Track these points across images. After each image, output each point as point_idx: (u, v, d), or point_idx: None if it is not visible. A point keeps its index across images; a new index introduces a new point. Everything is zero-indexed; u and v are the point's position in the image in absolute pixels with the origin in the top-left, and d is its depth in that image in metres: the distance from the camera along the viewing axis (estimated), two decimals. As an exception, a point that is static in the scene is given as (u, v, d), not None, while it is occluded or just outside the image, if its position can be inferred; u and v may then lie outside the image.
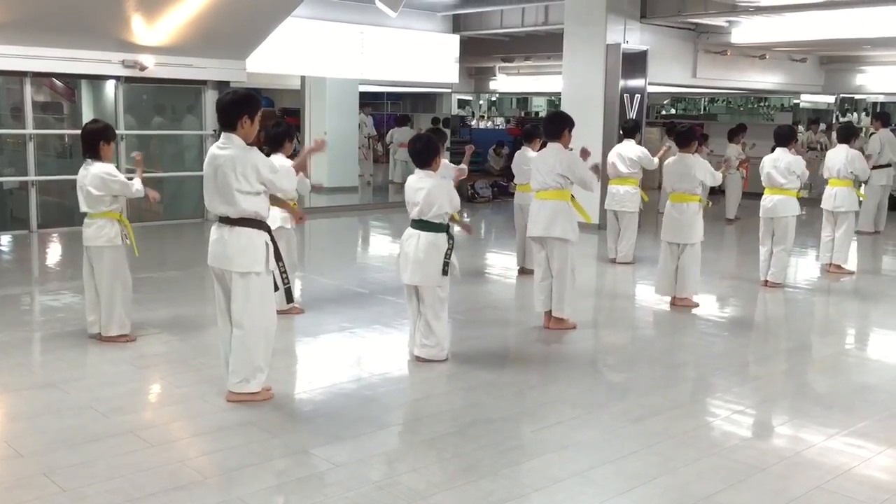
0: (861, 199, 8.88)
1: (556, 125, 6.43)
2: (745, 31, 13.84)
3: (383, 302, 7.35)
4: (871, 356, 6.38)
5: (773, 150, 8.14)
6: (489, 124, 25.32)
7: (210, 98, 11.49)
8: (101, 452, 3.99)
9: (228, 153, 4.47)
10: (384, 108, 24.73)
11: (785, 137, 8.10)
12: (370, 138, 18.38)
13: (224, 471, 3.87)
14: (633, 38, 12.34)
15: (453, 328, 6.62)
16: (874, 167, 12.19)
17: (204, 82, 11.47)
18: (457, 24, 15.26)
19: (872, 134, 12.90)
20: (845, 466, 4.07)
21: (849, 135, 9.14)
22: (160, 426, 4.39)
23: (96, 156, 5.63)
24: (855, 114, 22.11)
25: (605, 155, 10.50)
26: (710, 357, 6.05)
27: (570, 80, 12.51)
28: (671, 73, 13.84)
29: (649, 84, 12.62)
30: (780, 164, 7.94)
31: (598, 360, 5.96)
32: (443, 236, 5.37)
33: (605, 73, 12.01)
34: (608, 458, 4.11)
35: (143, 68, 10.62)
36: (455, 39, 15.18)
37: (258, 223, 4.58)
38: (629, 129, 9.59)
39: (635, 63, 12.20)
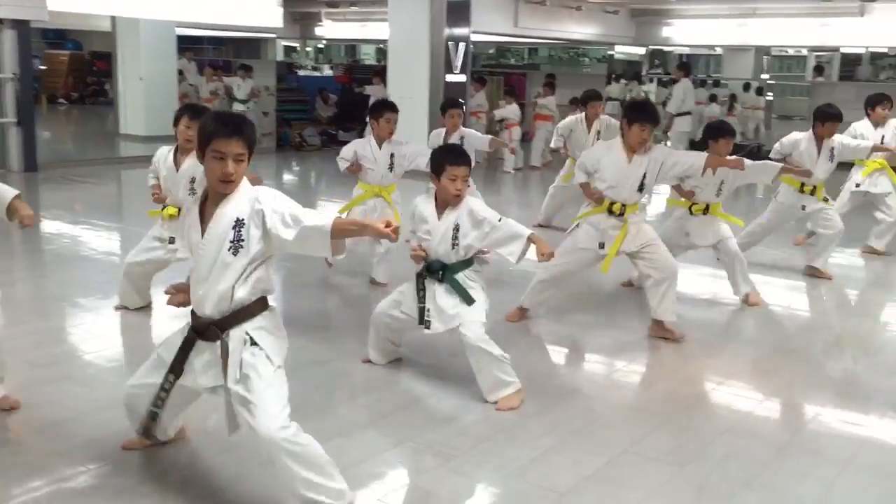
0: None
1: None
2: (563, -18, 14.34)
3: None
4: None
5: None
6: (319, 73, 24.84)
7: (8, 38, 10.56)
8: None
9: None
10: (206, 54, 23.67)
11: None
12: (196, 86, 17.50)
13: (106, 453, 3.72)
14: (457, -15, 12.48)
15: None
16: (678, 114, 13.16)
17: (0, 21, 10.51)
18: (279, -34, 14.79)
19: (676, 83, 13.84)
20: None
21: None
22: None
23: None
24: (661, 68, 23.47)
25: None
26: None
27: (396, 28, 12.51)
28: (494, 23, 14.13)
29: (473, 33, 12.84)
30: None
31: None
32: None
33: (430, 21, 12.10)
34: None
35: (-75, 3, 9.60)
36: (277, -19, 14.69)
37: None
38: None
39: (459, 11, 12.35)
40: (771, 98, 19.76)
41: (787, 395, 4.55)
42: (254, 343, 2.98)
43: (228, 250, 2.91)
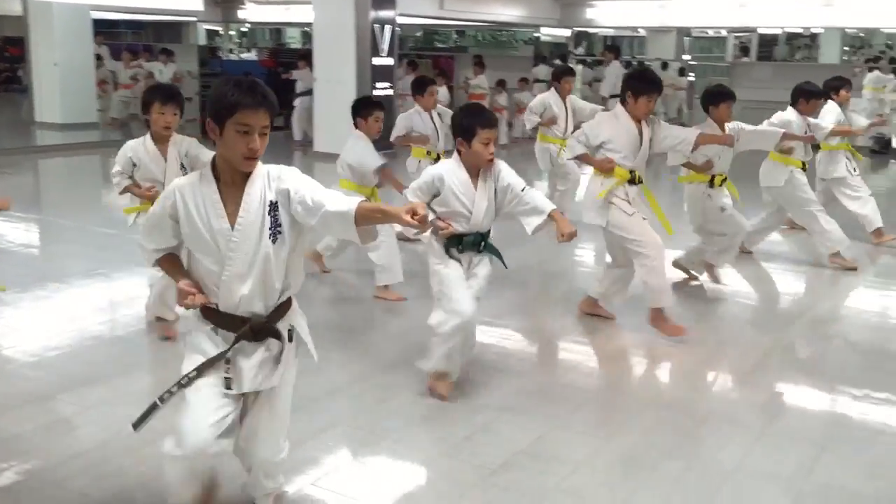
0: None
1: None
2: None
3: (133, 242, 7.02)
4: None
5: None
6: (236, 56, 24.39)
7: None
8: None
9: None
10: (124, 38, 22.99)
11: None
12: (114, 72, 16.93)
13: (-43, 426, 3.61)
14: (381, -34, 12.39)
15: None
16: (612, 96, 13.37)
17: None
18: (198, -52, 14.47)
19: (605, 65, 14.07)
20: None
21: None
22: None
23: None
24: (581, 48, 23.78)
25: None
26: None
27: (321, 11, 12.34)
28: (419, 5, 14.11)
29: (399, 15, 12.77)
30: None
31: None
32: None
33: (355, 3, 11.97)
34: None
35: None
36: (197, -37, 14.37)
37: None
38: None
39: (384, -7, 12.28)
40: (693, 78, 20.25)
41: (708, 366, 4.71)
42: (290, 338, 2.75)
43: (269, 238, 2.60)
